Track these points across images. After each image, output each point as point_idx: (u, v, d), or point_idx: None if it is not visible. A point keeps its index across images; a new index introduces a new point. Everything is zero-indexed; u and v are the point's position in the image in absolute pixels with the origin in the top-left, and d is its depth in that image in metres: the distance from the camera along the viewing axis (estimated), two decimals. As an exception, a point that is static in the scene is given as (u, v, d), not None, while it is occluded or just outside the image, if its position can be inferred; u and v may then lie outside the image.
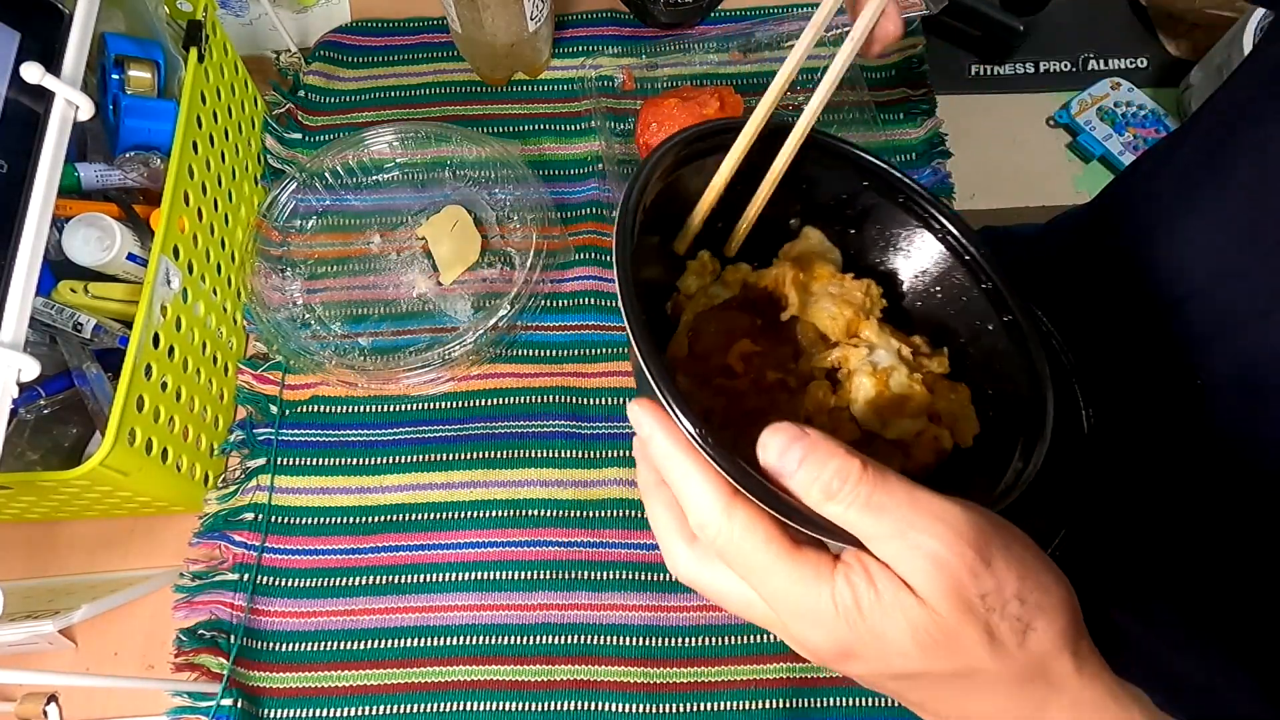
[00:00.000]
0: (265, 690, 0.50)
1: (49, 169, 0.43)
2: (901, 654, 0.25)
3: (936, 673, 0.25)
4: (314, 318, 0.60)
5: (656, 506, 0.31)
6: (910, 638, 0.25)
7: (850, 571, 0.25)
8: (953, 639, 0.25)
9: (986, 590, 0.24)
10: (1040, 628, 0.25)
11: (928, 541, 0.24)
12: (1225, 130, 0.47)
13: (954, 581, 0.24)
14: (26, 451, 0.51)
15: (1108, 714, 0.27)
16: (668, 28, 0.69)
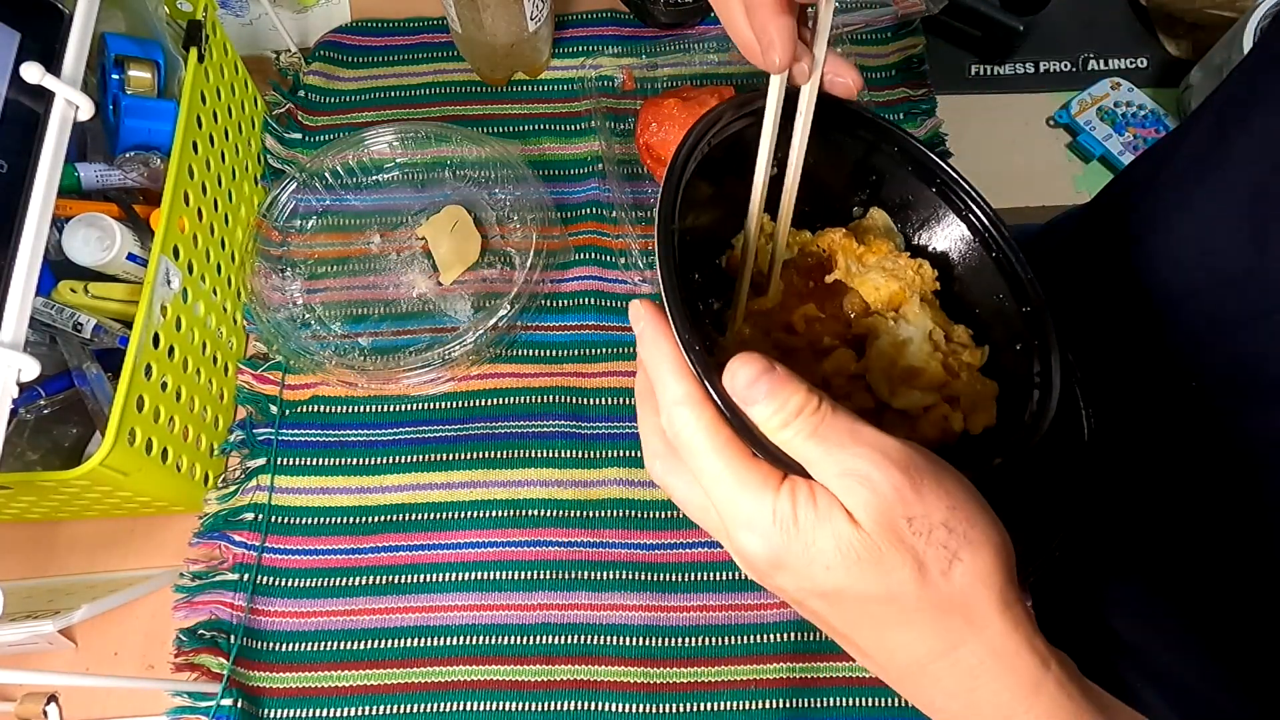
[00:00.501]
0: (265, 690, 0.50)
1: (49, 169, 0.43)
2: (827, 567, 0.26)
3: (859, 593, 0.26)
4: (314, 318, 0.60)
5: (645, 409, 0.32)
6: (837, 551, 0.26)
7: (794, 487, 0.27)
8: (878, 558, 0.26)
9: (914, 514, 0.26)
10: (966, 559, 0.26)
11: (860, 464, 0.26)
12: (1224, 128, 0.47)
13: (882, 502, 0.26)
14: (26, 451, 0.51)
15: (1020, 663, 0.27)
16: (668, 28, 0.69)
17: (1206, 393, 0.47)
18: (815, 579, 0.27)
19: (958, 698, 0.28)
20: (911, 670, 0.28)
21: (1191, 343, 0.48)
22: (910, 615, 0.27)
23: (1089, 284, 0.58)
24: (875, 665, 0.30)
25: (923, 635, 0.27)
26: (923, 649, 0.27)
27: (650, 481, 0.54)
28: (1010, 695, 0.27)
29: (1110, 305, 0.55)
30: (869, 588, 0.26)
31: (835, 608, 0.28)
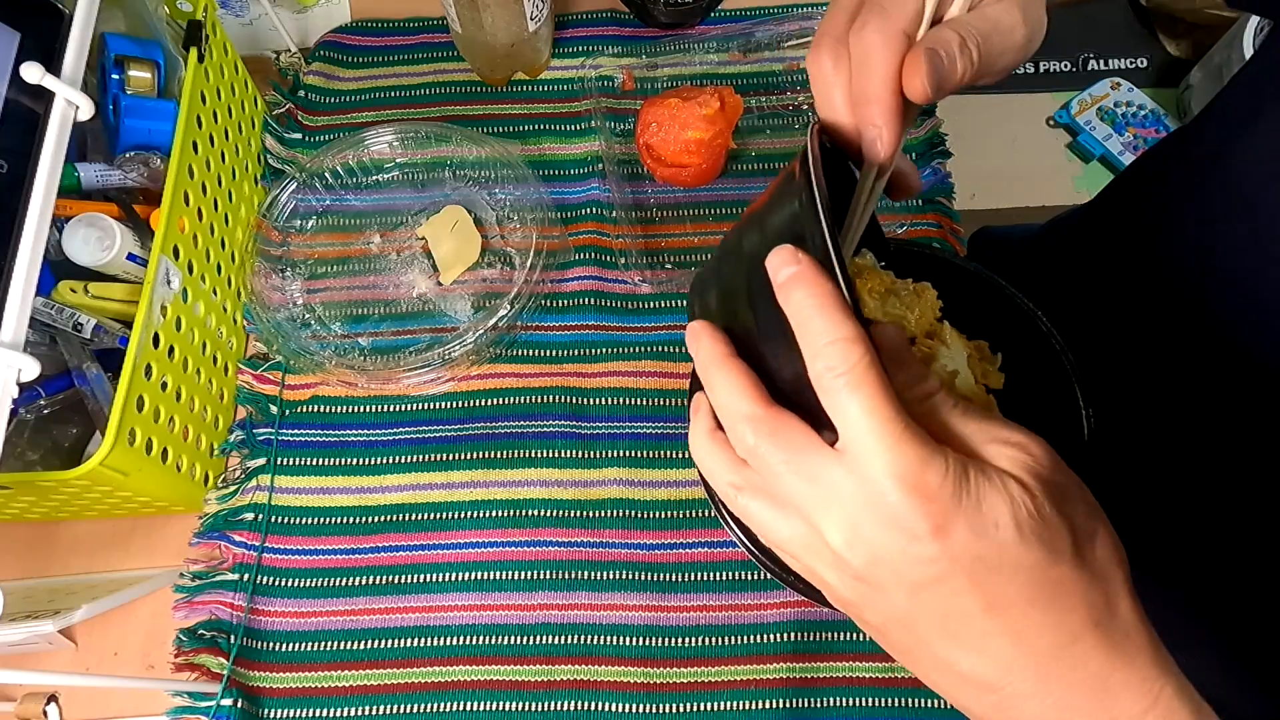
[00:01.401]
0: (265, 690, 0.50)
1: (49, 169, 0.43)
2: (996, 525, 0.25)
3: (1018, 559, 0.25)
4: (314, 318, 0.60)
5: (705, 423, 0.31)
6: (1010, 510, 0.25)
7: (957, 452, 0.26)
8: (1044, 521, 0.25)
9: (1066, 484, 0.26)
10: (1102, 536, 0.26)
11: (1014, 435, 0.27)
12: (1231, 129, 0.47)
13: (1043, 470, 0.26)
14: (26, 451, 0.51)
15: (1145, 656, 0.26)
16: (668, 28, 0.69)
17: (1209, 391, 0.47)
18: (986, 537, 0.25)
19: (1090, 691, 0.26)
20: (1051, 654, 0.26)
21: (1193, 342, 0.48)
22: (1061, 586, 0.25)
23: (1089, 284, 0.58)
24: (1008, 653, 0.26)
25: (1071, 609, 0.26)
26: (1068, 628, 0.26)
27: (650, 481, 0.54)
28: (1135, 692, 0.26)
29: (1110, 305, 0.55)
30: (1031, 553, 0.25)
31: (989, 577, 0.25)
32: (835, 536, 0.26)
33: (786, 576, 0.44)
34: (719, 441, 0.30)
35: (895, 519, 0.25)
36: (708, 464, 0.30)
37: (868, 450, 0.25)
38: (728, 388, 0.28)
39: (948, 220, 0.62)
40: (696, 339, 0.30)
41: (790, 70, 0.67)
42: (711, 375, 0.29)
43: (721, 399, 0.29)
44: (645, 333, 0.59)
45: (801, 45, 0.67)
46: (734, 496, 0.29)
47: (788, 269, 0.27)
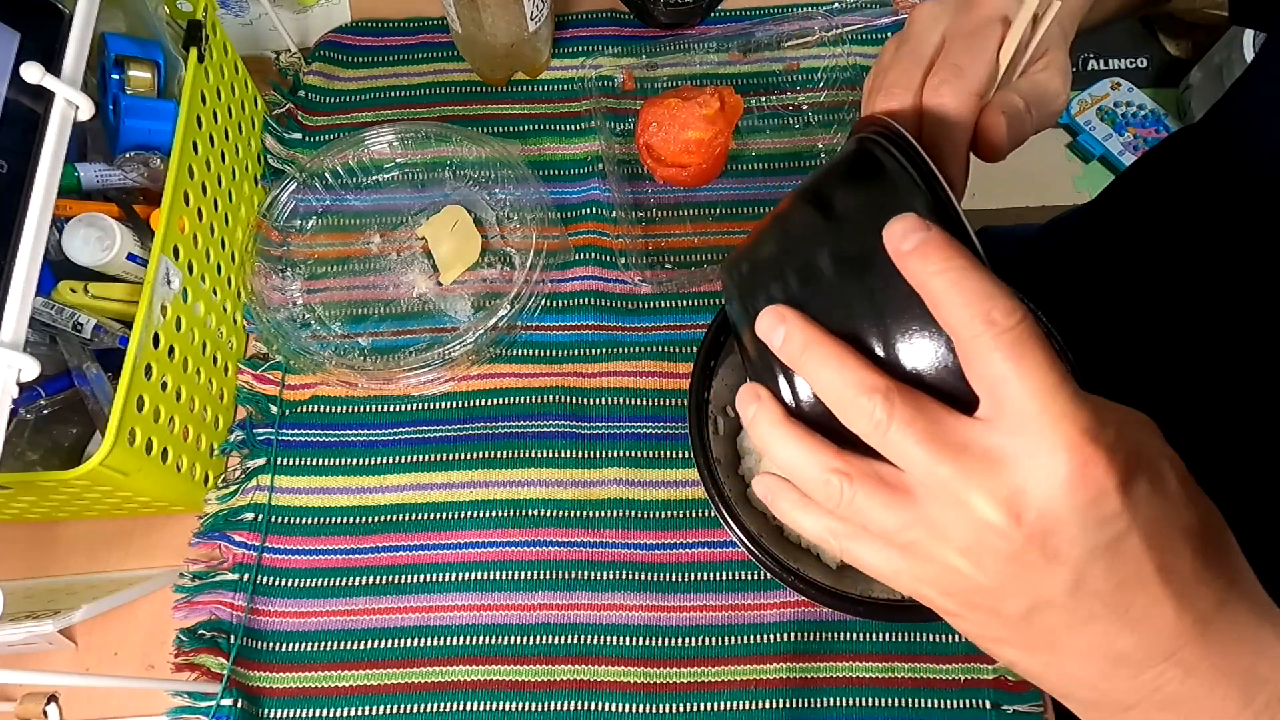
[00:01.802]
0: (265, 690, 0.50)
1: (49, 169, 0.43)
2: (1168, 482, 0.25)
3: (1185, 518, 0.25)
4: (314, 318, 0.60)
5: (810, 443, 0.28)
6: (1173, 472, 0.25)
7: None
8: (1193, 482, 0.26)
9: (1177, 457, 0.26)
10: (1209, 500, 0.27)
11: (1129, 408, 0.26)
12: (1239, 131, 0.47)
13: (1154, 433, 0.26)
14: (26, 451, 0.51)
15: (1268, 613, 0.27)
16: (668, 28, 0.69)
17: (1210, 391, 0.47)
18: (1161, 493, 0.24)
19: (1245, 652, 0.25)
20: (1209, 614, 0.25)
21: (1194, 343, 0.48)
22: (1212, 542, 0.25)
23: (1089, 284, 0.58)
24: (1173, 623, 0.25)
25: (1222, 565, 0.26)
26: (1220, 585, 0.25)
27: (650, 481, 0.54)
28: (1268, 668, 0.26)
29: (1111, 305, 0.55)
30: (1191, 509, 0.25)
31: (1161, 536, 0.24)
32: (991, 509, 0.24)
33: (786, 577, 0.44)
34: (801, 430, 0.28)
35: (1080, 478, 0.23)
36: (790, 455, 0.28)
37: (1043, 411, 0.23)
38: (839, 364, 0.26)
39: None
40: (780, 321, 0.28)
41: (790, 70, 0.67)
42: (811, 356, 0.27)
43: (830, 378, 0.26)
44: (645, 333, 0.59)
45: (801, 45, 0.67)
46: (839, 486, 0.27)
47: (916, 235, 0.25)
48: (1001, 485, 0.24)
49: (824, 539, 0.28)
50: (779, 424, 0.28)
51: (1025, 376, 0.23)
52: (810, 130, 0.66)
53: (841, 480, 0.27)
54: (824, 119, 0.66)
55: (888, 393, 0.25)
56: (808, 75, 0.67)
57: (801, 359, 0.27)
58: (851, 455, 0.27)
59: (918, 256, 0.25)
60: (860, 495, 0.26)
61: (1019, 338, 0.23)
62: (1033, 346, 0.23)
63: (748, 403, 0.29)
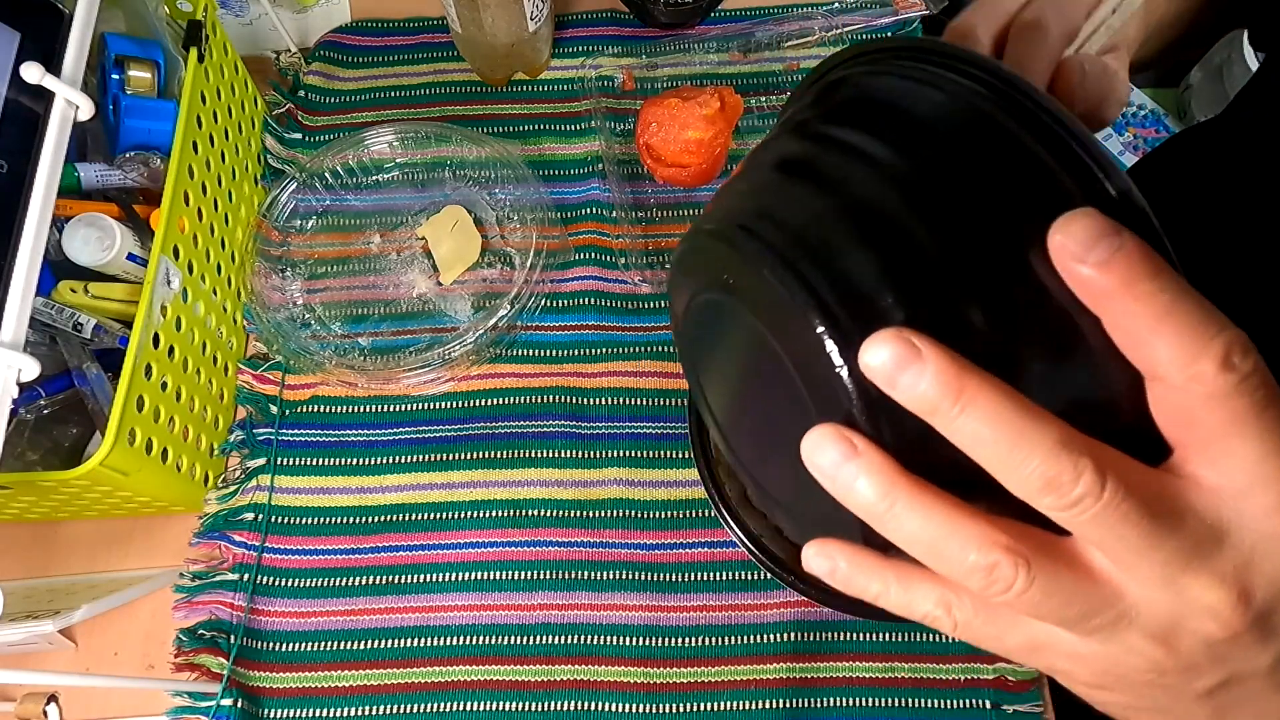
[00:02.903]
0: (265, 690, 0.50)
1: (49, 169, 0.43)
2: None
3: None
4: (314, 318, 0.60)
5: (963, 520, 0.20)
6: None
7: None
8: None
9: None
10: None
11: None
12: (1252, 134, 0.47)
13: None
14: (26, 451, 0.51)
15: None
16: (668, 28, 0.69)
17: None
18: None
19: None
20: None
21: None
22: None
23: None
24: None
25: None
26: None
27: (650, 481, 0.54)
28: None
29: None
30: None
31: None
32: (1213, 590, 0.20)
33: (786, 577, 0.44)
34: (932, 492, 0.20)
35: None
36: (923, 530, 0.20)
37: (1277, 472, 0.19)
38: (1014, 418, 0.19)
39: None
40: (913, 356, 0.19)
41: (790, 70, 0.67)
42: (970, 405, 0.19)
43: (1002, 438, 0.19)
44: (645, 333, 0.59)
45: (801, 45, 0.67)
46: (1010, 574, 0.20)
47: (1104, 245, 0.18)
48: (1226, 561, 0.20)
49: (934, 617, 0.22)
50: (901, 485, 0.20)
51: (1265, 434, 0.19)
52: (810, 130, 0.66)
53: (1017, 564, 0.20)
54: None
55: (1096, 456, 0.19)
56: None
57: (953, 413, 0.19)
58: (1015, 526, 0.20)
59: (1108, 276, 0.18)
60: (1040, 581, 0.20)
61: (1261, 383, 0.18)
62: (1272, 395, 0.19)
63: (838, 460, 0.20)
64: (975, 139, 0.21)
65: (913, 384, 0.19)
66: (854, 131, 0.23)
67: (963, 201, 0.20)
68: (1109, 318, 0.19)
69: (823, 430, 0.20)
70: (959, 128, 0.21)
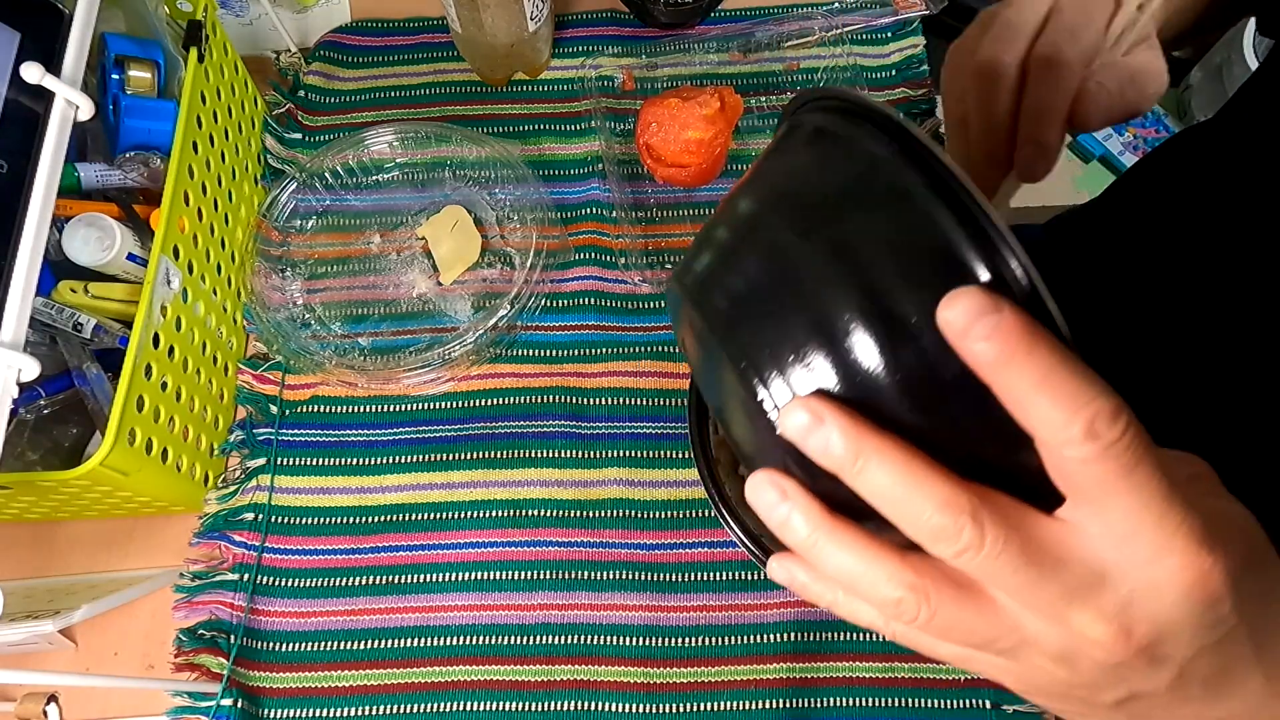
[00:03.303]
0: (265, 690, 0.50)
1: (49, 169, 0.43)
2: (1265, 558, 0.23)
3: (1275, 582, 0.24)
4: (314, 318, 0.60)
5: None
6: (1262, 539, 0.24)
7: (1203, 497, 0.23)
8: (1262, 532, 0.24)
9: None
10: None
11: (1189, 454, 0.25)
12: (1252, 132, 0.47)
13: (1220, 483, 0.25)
14: (26, 451, 0.51)
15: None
16: (668, 28, 0.69)
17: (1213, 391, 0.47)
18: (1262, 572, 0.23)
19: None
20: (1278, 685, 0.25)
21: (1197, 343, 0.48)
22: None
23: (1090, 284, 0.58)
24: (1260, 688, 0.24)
25: None
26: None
27: (650, 481, 0.54)
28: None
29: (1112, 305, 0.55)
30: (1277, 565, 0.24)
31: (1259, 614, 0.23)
32: (1096, 626, 0.22)
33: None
34: (860, 537, 0.23)
35: (1198, 592, 0.21)
36: (846, 566, 0.23)
37: (1157, 527, 0.21)
38: (906, 474, 0.21)
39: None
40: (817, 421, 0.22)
41: (790, 70, 0.67)
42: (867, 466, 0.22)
43: (897, 492, 0.22)
44: (645, 333, 0.59)
45: (801, 45, 0.67)
46: (916, 604, 0.23)
47: (983, 323, 0.20)
48: (1107, 602, 0.22)
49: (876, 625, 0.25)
50: (823, 526, 0.23)
51: (1136, 491, 0.20)
52: (810, 130, 0.66)
53: (919, 600, 0.23)
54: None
55: (975, 512, 0.21)
56: (808, 75, 0.67)
57: (854, 470, 0.22)
58: (919, 562, 0.23)
59: (987, 349, 0.20)
60: (941, 613, 0.23)
61: (1127, 448, 0.20)
62: (1143, 455, 0.20)
63: (773, 502, 0.24)
64: (883, 211, 0.23)
65: (820, 446, 0.22)
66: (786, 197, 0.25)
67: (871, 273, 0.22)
68: (993, 386, 0.21)
69: (759, 476, 0.24)
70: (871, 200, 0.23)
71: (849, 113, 0.24)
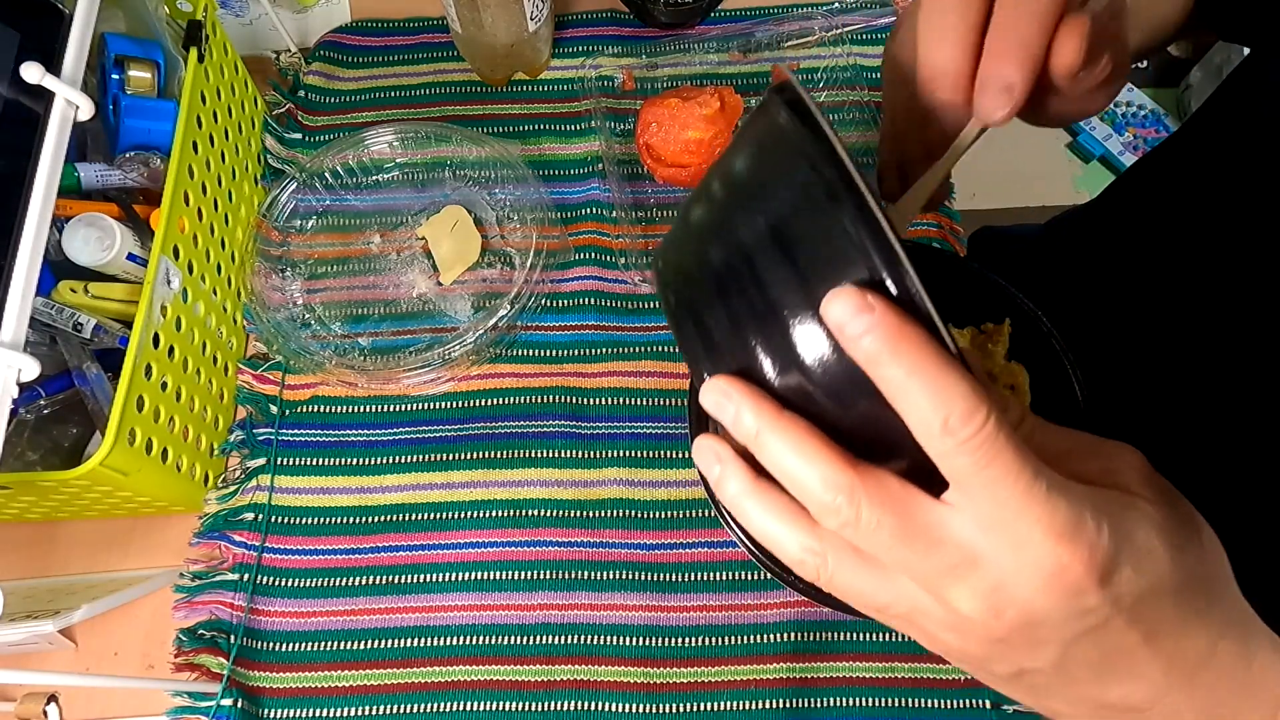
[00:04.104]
0: (265, 690, 0.50)
1: (49, 169, 0.43)
2: (1153, 554, 0.23)
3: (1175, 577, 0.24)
4: (314, 318, 0.60)
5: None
6: (1159, 538, 0.24)
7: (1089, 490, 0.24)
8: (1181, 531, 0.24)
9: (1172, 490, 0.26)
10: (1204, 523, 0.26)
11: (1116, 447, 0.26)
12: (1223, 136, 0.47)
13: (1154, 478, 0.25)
14: (26, 451, 0.51)
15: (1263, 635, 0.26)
16: (668, 28, 0.69)
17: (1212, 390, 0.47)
18: (1145, 570, 0.23)
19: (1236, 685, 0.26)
20: (1199, 662, 0.25)
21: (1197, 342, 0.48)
22: (1202, 592, 0.25)
23: (1090, 284, 0.58)
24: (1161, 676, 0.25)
25: (1210, 613, 0.25)
26: (1211, 633, 0.25)
27: (650, 481, 0.54)
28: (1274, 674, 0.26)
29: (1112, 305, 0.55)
30: (1180, 568, 0.24)
31: (1148, 609, 0.24)
32: (970, 603, 0.23)
33: (787, 576, 0.44)
34: (776, 499, 0.25)
35: (1056, 582, 0.22)
36: (770, 529, 0.26)
37: (1017, 517, 0.22)
38: (798, 452, 0.24)
39: (948, 220, 0.62)
40: (726, 399, 0.25)
41: (790, 70, 0.67)
42: (766, 442, 0.24)
43: (789, 467, 0.24)
44: (645, 333, 0.59)
45: (801, 45, 0.67)
46: (815, 565, 0.25)
47: (859, 320, 0.21)
48: (979, 581, 0.23)
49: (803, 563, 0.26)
50: (750, 494, 0.26)
51: (994, 484, 0.22)
52: (810, 130, 0.66)
53: (818, 560, 0.25)
54: (824, 119, 0.66)
55: (852, 491, 0.23)
56: (808, 75, 0.67)
57: (756, 444, 0.24)
58: (826, 533, 0.25)
59: (861, 349, 0.22)
60: (842, 572, 0.25)
61: (981, 444, 0.21)
62: (998, 451, 0.22)
63: (708, 464, 0.27)
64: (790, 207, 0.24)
65: (730, 420, 0.25)
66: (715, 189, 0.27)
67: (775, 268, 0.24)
68: (872, 378, 0.22)
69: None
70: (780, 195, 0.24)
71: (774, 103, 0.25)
